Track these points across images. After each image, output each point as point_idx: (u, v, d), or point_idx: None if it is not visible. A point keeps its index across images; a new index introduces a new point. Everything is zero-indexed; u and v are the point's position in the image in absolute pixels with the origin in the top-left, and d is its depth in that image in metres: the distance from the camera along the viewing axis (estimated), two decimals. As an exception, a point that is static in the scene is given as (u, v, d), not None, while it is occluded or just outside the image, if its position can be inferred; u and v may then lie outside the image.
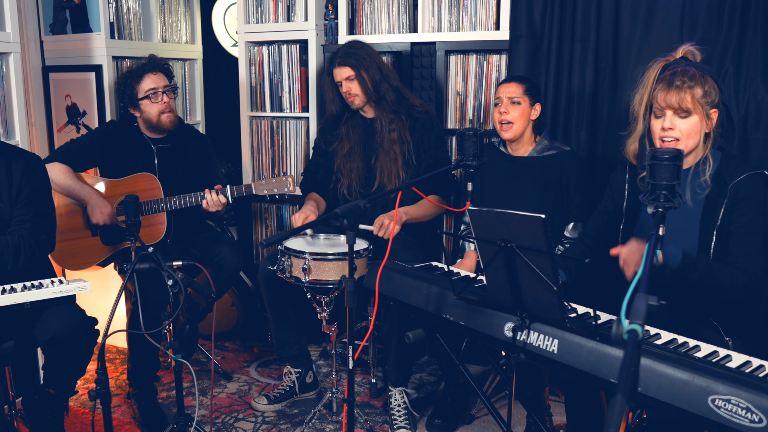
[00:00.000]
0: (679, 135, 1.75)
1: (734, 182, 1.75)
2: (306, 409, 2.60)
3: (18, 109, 2.58)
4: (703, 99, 1.73)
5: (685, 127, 1.75)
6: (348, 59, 2.55)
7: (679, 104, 1.73)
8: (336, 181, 2.71)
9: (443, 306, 1.84)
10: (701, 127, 1.76)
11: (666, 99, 1.74)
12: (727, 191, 1.75)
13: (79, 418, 2.53)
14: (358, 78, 2.55)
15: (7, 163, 2.07)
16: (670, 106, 1.74)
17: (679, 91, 1.72)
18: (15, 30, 2.54)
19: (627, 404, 0.88)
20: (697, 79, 1.73)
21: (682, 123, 1.75)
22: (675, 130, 1.75)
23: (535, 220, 1.46)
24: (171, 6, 3.40)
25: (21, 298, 1.90)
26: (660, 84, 1.76)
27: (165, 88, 2.62)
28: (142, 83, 2.59)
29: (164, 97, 2.60)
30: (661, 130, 1.77)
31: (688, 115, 1.74)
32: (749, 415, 1.24)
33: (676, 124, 1.75)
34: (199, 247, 2.72)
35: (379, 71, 2.57)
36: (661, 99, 1.75)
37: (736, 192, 1.75)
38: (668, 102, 1.74)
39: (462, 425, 2.46)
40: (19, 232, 2.03)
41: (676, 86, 1.73)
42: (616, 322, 1.03)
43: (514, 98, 2.33)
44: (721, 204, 1.76)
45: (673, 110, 1.75)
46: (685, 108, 1.73)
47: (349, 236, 1.81)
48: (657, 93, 1.76)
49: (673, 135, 1.76)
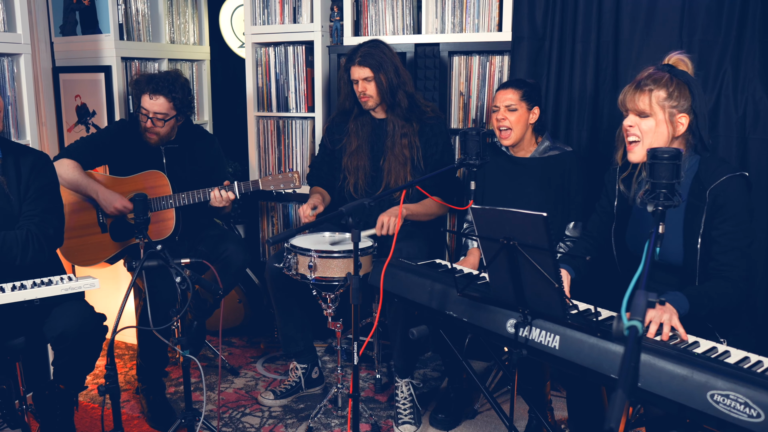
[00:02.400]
0: (640, 134, 1.79)
1: (712, 186, 1.74)
2: (312, 404, 2.63)
3: (29, 109, 2.60)
4: (666, 101, 1.75)
5: (645, 127, 1.78)
6: (368, 59, 2.52)
7: (635, 105, 1.77)
8: (343, 179, 2.71)
9: (447, 303, 1.86)
10: (664, 130, 1.77)
11: (624, 100, 1.80)
12: (706, 196, 1.75)
13: (88, 413, 2.55)
14: (375, 80, 2.53)
15: (15, 160, 2.09)
16: (629, 108, 1.79)
17: (639, 93, 1.76)
18: (26, 31, 2.57)
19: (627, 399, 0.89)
20: (662, 83, 1.75)
21: (642, 122, 1.79)
22: (635, 128, 1.79)
23: (537, 219, 1.47)
24: (179, 8, 3.42)
25: (30, 294, 1.91)
26: (629, 86, 1.81)
27: (156, 114, 2.55)
28: (141, 99, 2.57)
29: (149, 122, 2.56)
30: (625, 129, 1.83)
31: (647, 116, 1.77)
32: (747, 410, 1.26)
33: (636, 122, 1.79)
34: (206, 244, 2.73)
35: (396, 76, 2.55)
36: (623, 98, 1.81)
37: (715, 197, 1.74)
38: (625, 103, 1.80)
39: (465, 420, 2.48)
40: (28, 226, 2.04)
41: (639, 89, 1.77)
42: (617, 318, 1.04)
43: (510, 105, 2.34)
44: (702, 209, 1.76)
45: (632, 112, 1.79)
46: (640, 110, 1.77)
47: (354, 234, 1.82)
48: (623, 98, 1.81)
49: (634, 133, 1.80)
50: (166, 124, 2.59)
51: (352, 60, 2.56)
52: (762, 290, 2.33)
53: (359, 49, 2.56)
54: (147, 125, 2.58)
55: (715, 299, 1.71)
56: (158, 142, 2.64)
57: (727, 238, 1.73)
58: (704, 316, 1.72)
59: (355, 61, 2.54)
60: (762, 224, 2.31)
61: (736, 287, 1.73)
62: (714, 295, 1.71)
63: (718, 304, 1.72)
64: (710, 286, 1.74)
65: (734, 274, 1.73)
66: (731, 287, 1.73)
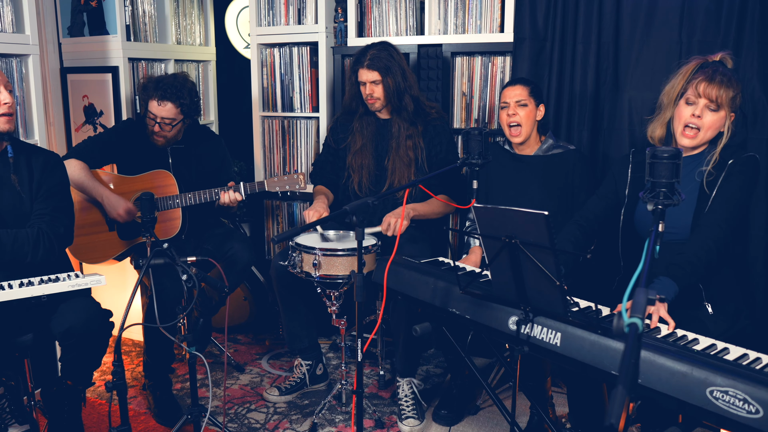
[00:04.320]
0: (701, 125, 1.88)
1: (732, 161, 1.87)
2: (316, 400, 2.64)
3: (37, 109, 2.62)
4: (732, 101, 1.87)
5: (710, 120, 1.88)
6: (377, 63, 2.52)
7: (716, 97, 1.85)
8: (347, 177, 2.72)
9: (449, 300, 1.87)
10: (720, 125, 1.88)
11: (706, 90, 1.86)
12: (725, 167, 1.87)
13: (96, 409, 2.57)
14: (383, 83, 2.55)
15: (27, 159, 2.11)
16: (707, 96, 1.86)
17: (719, 86, 1.85)
18: (34, 33, 2.59)
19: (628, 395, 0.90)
20: (732, 82, 1.87)
21: (709, 115, 1.88)
22: (702, 119, 1.88)
23: (538, 217, 1.48)
24: (185, 9, 3.44)
25: (38, 291, 1.93)
26: (701, 75, 1.88)
27: (164, 120, 2.57)
28: (149, 104, 2.58)
29: (156, 126, 2.58)
30: (690, 116, 1.89)
31: (717, 110, 1.86)
32: (746, 406, 1.27)
33: (704, 114, 1.87)
34: (212, 242, 2.75)
35: (403, 80, 2.56)
36: (702, 89, 1.87)
37: (732, 168, 1.86)
38: (707, 92, 1.86)
39: (467, 416, 2.49)
40: (39, 225, 2.05)
41: (718, 81, 1.85)
42: (617, 315, 1.04)
43: (521, 101, 2.36)
44: (718, 177, 1.87)
45: (707, 101, 1.86)
46: (719, 102, 1.85)
47: (357, 233, 1.83)
48: (697, 83, 1.88)
49: (698, 123, 1.88)
50: (173, 128, 2.61)
51: (360, 62, 2.56)
52: (761, 285, 2.34)
53: (368, 51, 2.56)
54: (155, 129, 2.60)
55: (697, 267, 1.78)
56: (165, 144, 2.67)
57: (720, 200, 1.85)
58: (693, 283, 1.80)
59: (364, 63, 2.54)
60: (761, 221, 2.32)
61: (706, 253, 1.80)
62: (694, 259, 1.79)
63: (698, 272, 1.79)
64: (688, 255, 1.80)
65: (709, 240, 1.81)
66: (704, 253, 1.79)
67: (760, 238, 2.33)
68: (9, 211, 2.07)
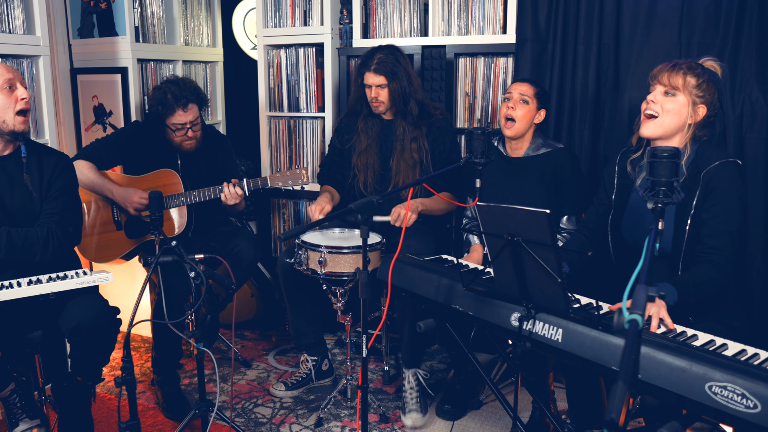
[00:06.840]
0: (660, 111, 1.86)
1: (707, 169, 1.81)
2: (322, 395, 2.67)
3: (47, 109, 2.65)
4: (695, 89, 1.83)
5: (668, 106, 1.85)
6: (384, 67, 2.54)
7: (669, 80, 1.84)
8: (353, 177, 2.74)
9: (453, 297, 1.89)
10: (684, 114, 1.85)
11: (660, 73, 1.86)
12: (700, 178, 1.81)
13: (105, 404, 2.60)
14: (389, 87, 2.56)
15: (38, 159, 2.13)
16: (661, 82, 1.85)
17: (676, 72, 1.84)
18: (44, 34, 2.62)
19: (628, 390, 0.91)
20: (696, 72, 1.84)
21: (666, 101, 1.85)
22: (657, 104, 1.86)
23: (540, 215, 1.50)
24: (193, 11, 3.47)
25: (46, 288, 1.94)
26: (665, 65, 1.88)
27: (193, 122, 2.61)
28: (171, 117, 2.58)
29: (189, 132, 2.62)
30: (645, 103, 1.88)
31: (674, 95, 1.84)
32: (744, 401, 1.28)
33: (659, 100, 1.86)
34: (218, 240, 2.77)
35: (409, 84, 2.58)
36: (660, 76, 1.86)
37: (709, 180, 1.80)
38: (662, 78, 1.86)
39: (471, 411, 2.52)
40: (48, 224, 2.07)
41: (678, 68, 1.85)
42: (618, 312, 1.06)
43: (524, 97, 2.37)
44: (695, 191, 1.82)
45: (662, 85, 1.85)
46: (675, 85, 1.83)
47: (363, 230, 1.84)
48: (658, 71, 1.88)
49: (654, 109, 1.86)
50: (200, 126, 2.66)
51: (367, 65, 2.58)
52: (759, 286, 2.35)
53: (375, 55, 2.57)
54: (188, 135, 2.62)
55: (701, 286, 1.75)
56: (195, 146, 2.69)
57: (717, 221, 1.78)
58: (692, 303, 1.76)
59: (371, 67, 2.56)
60: (759, 221, 2.34)
61: (721, 271, 1.76)
62: (700, 282, 1.76)
63: (704, 290, 1.76)
64: (696, 272, 1.78)
65: (720, 258, 1.77)
66: (716, 271, 1.76)
67: (758, 237, 2.34)
68: (20, 209, 2.09)
